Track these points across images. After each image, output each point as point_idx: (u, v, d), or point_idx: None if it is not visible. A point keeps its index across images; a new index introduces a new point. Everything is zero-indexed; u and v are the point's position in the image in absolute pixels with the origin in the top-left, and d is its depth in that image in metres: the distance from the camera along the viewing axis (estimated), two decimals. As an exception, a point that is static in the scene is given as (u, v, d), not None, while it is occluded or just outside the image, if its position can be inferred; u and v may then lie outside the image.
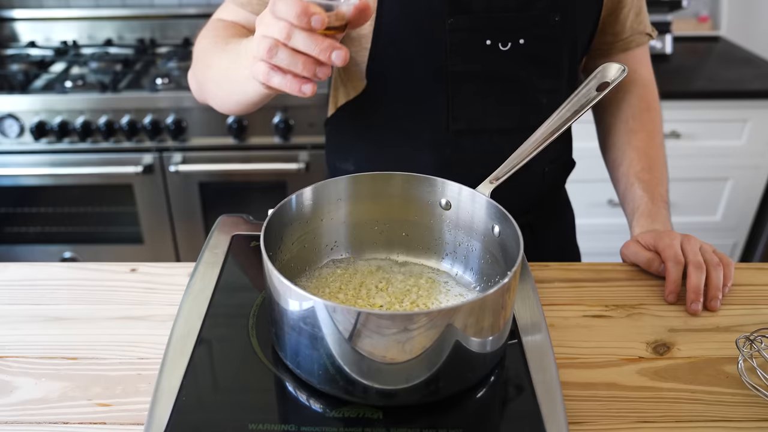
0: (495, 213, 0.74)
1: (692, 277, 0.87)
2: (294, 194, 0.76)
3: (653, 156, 1.06)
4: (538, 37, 0.96)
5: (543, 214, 1.13)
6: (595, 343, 0.80)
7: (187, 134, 1.93)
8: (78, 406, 0.70)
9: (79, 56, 2.19)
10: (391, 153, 1.04)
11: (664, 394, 0.73)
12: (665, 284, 0.88)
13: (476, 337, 0.63)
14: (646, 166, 1.04)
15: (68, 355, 0.77)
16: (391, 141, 1.04)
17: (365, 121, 1.05)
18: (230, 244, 0.88)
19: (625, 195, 1.05)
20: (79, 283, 0.90)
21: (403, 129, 1.02)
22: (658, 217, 0.99)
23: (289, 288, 0.61)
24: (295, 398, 0.66)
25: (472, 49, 0.96)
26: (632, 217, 1.01)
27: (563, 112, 0.81)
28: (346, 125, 1.09)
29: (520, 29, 0.95)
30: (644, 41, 1.11)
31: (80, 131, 1.89)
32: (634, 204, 1.02)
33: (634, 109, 1.10)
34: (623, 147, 1.08)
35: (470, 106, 0.99)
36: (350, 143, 1.08)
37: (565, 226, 1.22)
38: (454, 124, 1.00)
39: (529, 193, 1.09)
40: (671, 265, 0.88)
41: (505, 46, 0.95)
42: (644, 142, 1.07)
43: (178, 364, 0.68)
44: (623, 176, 1.06)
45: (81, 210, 2.06)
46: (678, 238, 0.91)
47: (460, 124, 0.99)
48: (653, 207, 1.00)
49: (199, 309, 0.76)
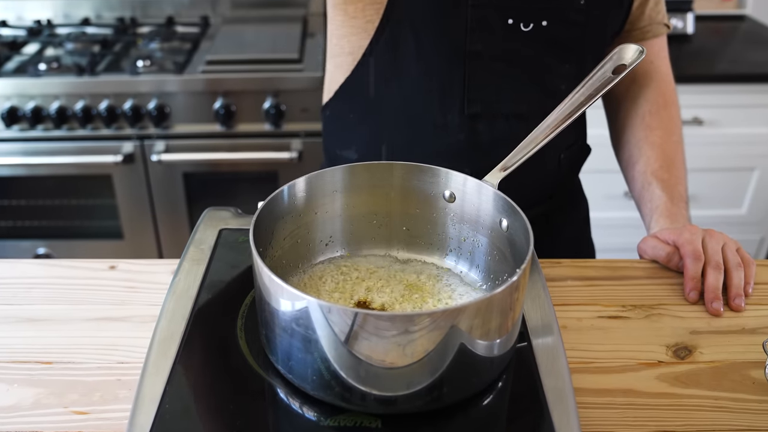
0: (503, 205, 0.74)
1: (709, 277, 0.87)
2: (286, 185, 0.76)
3: (671, 154, 1.06)
4: (562, 20, 0.97)
5: (557, 205, 1.13)
6: (611, 347, 0.80)
7: (170, 121, 1.93)
8: (53, 414, 0.70)
9: (54, 36, 2.18)
10: (397, 138, 1.05)
11: (686, 402, 0.73)
12: (684, 281, 0.89)
13: (482, 340, 0.63)
14: (664, 165, 1.05)
15: (42, 359, 0.77)
16: (398, 125, 1.04)
17: (368, 104, 1.05)
18: (217, 240, 0.88)
19: (642, 195, 1.05)
20: (54, 282, 0.90)
21: (413, 112, 1.03)
22: (678, 217, 0.99)
23: (280, 287, 0.61)
24: (287, 406, 0.66)
25: (492, 28, 0.96)
26: (650, 218, 1.02)
27: (577, 97, 0.81)
28: (346, 108, 1.08)
29: (544, 10, 0.96)
30: (662, 32, 1.11)
31: (55, 117, 1.88)
32: (653, 204, 1.02)
33: (651, 104, 1.10)
34: (639, 144, 1.08)
35: (487, 88, 0.99)
36: (351, 129, 1.08)
37: (579, 218, 1.23)
38: (469, 107, 1.00)
39: (544, 182, 1.09)
40: (689, 261, 0.89)
41: (527, 26, 0.96)
42: (662, 139, 1.07)
43: (160, 369, 0.68)
44: (640, 174, 1.06)
45: (56, 203, 2.06)
46: (699, 233, 0.92)
47: (476, 107, 1.00)
48: (673, 207, 1.00)
49: (183, 309, 0.76)
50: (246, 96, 1.91)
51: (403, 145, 1.04)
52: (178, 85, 1.89)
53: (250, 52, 2.02)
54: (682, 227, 0.94)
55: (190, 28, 2.25)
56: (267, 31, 2.19)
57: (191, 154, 1.96)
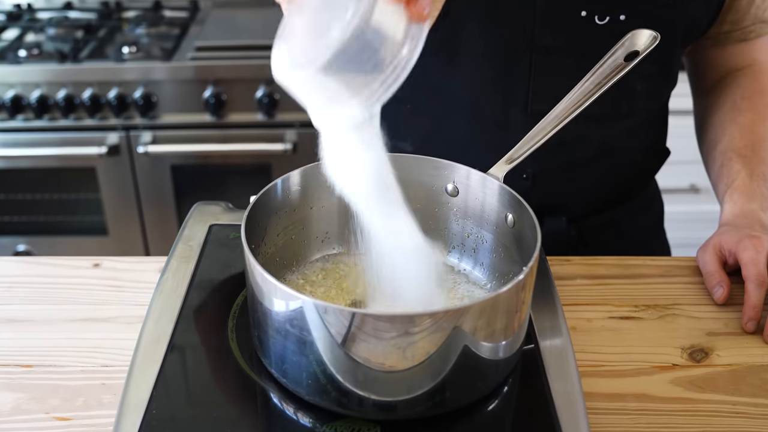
0: (509, 199, 0.74)
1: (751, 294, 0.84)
2: (280, 179, 0.76)
3: (760, 135, 1.02)
4: (643, 15, 0.95)
5: (630, 207, 1.12)
6: (623, 349, 0.80)
7: (157, 110, 1.93)
8: (33, 420, 0.70)
9: (35, 21, 2.17)
10: (456, 133, 1.04)
11: (702, 407, 0.73)
12: (743, 308, 0.84)
13: (487, 342, 0.63)
14: (749, 144, 1.01)
15: (22, 362, 0.77)
16: (457, 121, 1.04)
17: (426, 97, 1.05)
18: (207, 236, 0.88)
19: (720, 172, 1.01)
20: (35, 281, 0.90)
21: (473, 108, 1.02)
22: (755, 195, 0.95)
23: (274, 286, 0.61)
24: (281, 411, 0.66)
25: (563, 20, 0.95)
26: (725, 193, 0.98)
27: (586, 85, 0.81)
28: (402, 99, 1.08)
29: (624, 4, 0.94)
30: (766, 31, 1.07)
31: (36, 107, 1.88)
32: (729, 179, 0.98)
33: (744, 90, 1.07)
34: (724, 125, 1.05)
35: (554, 85, 0.98)
36: (407, 120, 1.07)
37: (653, 221, 1.20)
38: (534, 104, 0.99)
39: (616, 185, 1.08)
40: (752, 287, 0.84)
41: (603, 20, 0.94)
42: (751, 120, 1.03)
43: (147, 373, 0.68)
44: (720, 154, 1.02)
45: (36, 197, 2.06)
46: (765, 249, 0.87)
47: (541, 104, 0.98)
48: (751, 183, 0.96)
49: (171, 310, 0.76)
50: (237, 84, 1.91)
51: (462, 141, 1.03)
52: (166, 73, 1.89)
53: (242, 37, 2.01)
54: (748, 237, 0.89)
55: (179, 12, 2.25)
56: (260, 15, 2.18)
57: (180, 146, 1.96)
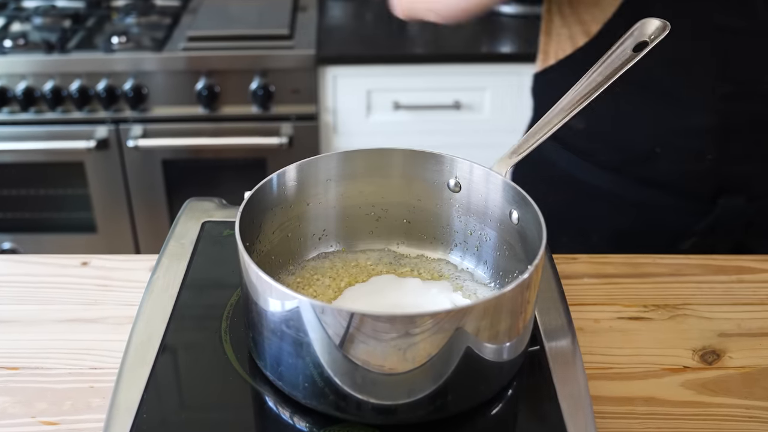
0: (513, 195, 0.74)
1: None
2: (275, 174, 0.75)
3: None
4: None
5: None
6: (632, 351, 0.80)
7: (148, 103, 1.93)
8: (19, 424, 0.70)
9: (21, 10, 2.17)
10: (635, 114, 1.04)
11: (714, 411, 0.73)
12: None
13: (491, 343, 0.63)
14: None
15: (8, 365, 0.77)
16: (636, 101, 1.04)
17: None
18: (199, 233, 0.88)
19: None
20: (21, 280, 0.90)
21: (655, 89, 1.02)
22: None
23: (269, 285, 0.61)
24: (277, 416, 0.66)
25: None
26: None
27: (594, 77, 0.80)
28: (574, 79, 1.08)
29: None
30: None
31: (21, 99, 1.88)
32: None
33: None
34: None
35: (744, 66, 0.98)
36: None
37: None
38: (722, 87, 0.99)
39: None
40: None
41: None
42: None
43: (137, 376, 0.68)
44: None
45: (22, 193, 2.06)
46: None
47: (729, 86, 0.99)
48: None
49: (162, 310, 0.76)
50: (231, 76, 1.91)
51: (642, 122, 1.03)
52: (157, 64, 1.89)
53: (236, 27, 2.01)
54: None
55: (170, 1, 2.24)
56: (254, 3, 2.18)
57: (171, 140, 1.96)
